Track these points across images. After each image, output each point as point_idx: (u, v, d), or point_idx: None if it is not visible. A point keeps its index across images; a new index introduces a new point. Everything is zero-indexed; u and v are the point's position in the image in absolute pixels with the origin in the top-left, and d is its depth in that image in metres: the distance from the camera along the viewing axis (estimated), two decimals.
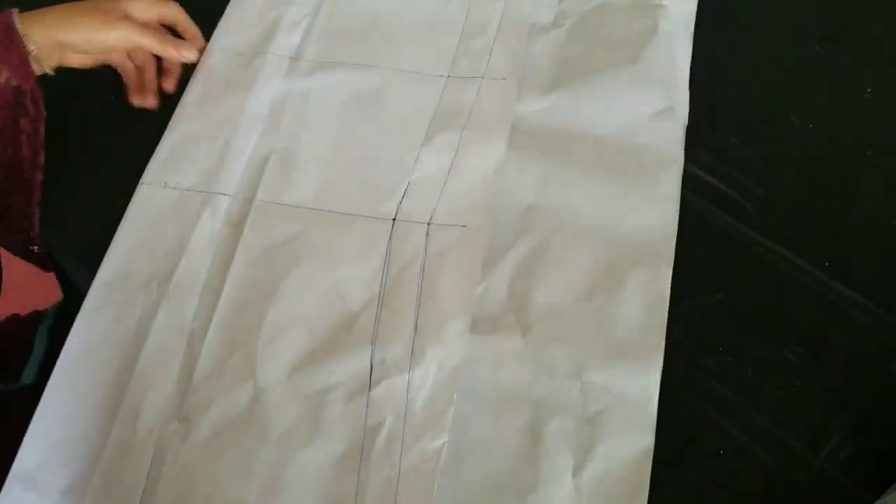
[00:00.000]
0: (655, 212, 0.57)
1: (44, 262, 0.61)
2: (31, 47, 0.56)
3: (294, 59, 0.65)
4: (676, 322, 0.53)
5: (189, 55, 0.64)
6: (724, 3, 0.66)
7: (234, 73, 0.65)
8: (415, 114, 0.62)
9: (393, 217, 0.58)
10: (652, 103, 0.61)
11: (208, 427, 0.51)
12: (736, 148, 0.59)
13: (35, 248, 0.60)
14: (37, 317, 0.66)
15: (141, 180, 0.60)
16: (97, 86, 0.63)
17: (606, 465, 0.49)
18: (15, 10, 0.57)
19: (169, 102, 0.64)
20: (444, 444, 0.48)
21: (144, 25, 0.61)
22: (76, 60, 0.61)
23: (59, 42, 0.58)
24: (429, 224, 0.57)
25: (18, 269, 0.63)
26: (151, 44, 0.61)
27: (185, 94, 0.64)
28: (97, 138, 0.64)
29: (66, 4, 0.59)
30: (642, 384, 0.51)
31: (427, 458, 0.48)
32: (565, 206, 0.58)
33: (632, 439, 0.49)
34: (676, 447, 0.49)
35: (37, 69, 0.57)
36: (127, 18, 0.60)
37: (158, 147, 0.61)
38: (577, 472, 0.49)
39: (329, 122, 0.62)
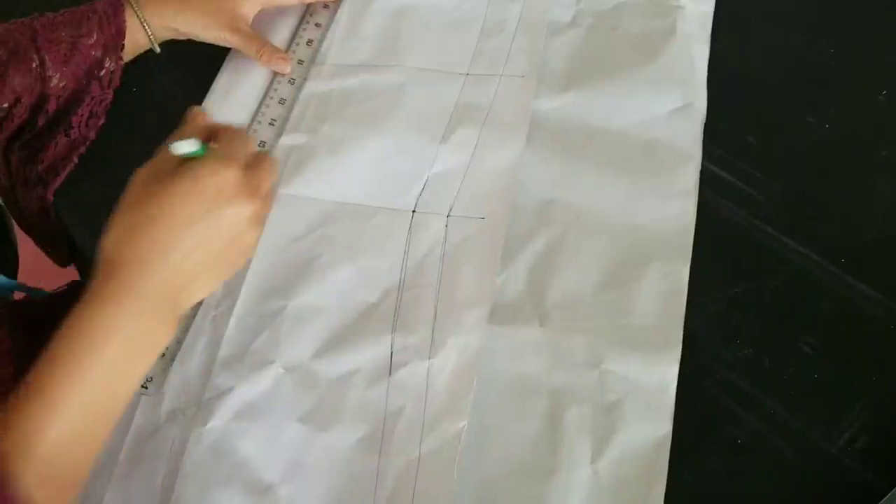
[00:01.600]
0: (673, 207, 0.57)
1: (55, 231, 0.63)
2: (147, 29, 0.61)
3: (317, 63, 0.66)
4: (694, 314, 0.53)
5: (282, 68, 0.65)
6: (741, 4, 0.66)
7: (258, 71, 0.66)
8: (435, 110, 0.63)
9: (412, 209, 0.58)
10: (670, 101, 0.62)
11: (231, 409, 0.51)
12: (752, 146, 0.60)
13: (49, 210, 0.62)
14: None
15: None
16: (125, 76, 0.64)
17: (624, 452, 0.49)
18: None
19: (195, 97, 0.65)
20: (463, 427, 0.49)
21: (247, 34, 0.64)
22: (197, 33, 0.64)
23: (168, 27, 0.63)
24: (448, 216, 0.58)
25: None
26: (249, 52, 0.65)
27: (210, 89, 0.65)
28: (122, 132, 0.65)
29: None
30: (660, 374, 0.51)
31: (447, 442, 0.49)
32: (583, 200, 0.58)
33: (649, 428, 0.50)
34: (694, 436, 0.49)
35: (146, 46, 0.63)
36: (233, 19, 0.63)
37: None
38: (595, 458, 0.49)
39: (350, 117, 0.63)
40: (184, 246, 0.42)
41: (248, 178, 0.44)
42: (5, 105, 0.58)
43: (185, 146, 0.44)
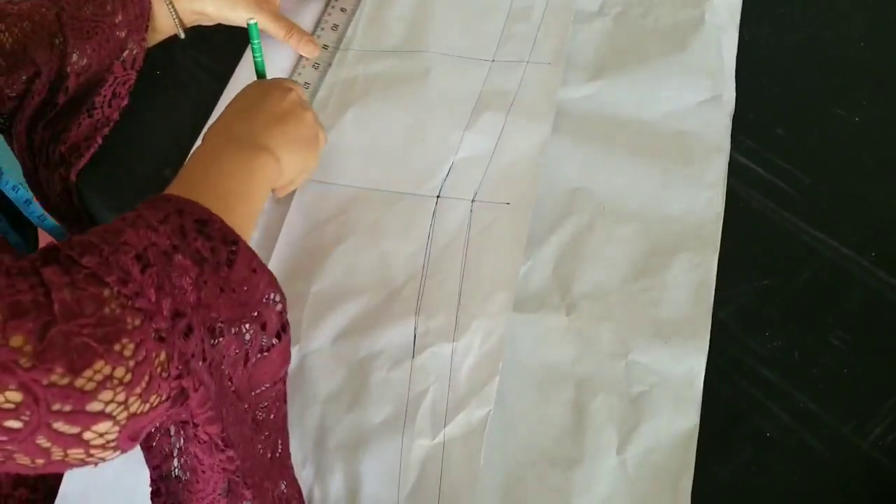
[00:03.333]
0: (701, 197, 0.57)
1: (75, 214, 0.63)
2: (172, 12, 0.62)
3: (342, 49, 0.66)
4: (723, 306, 0.53)
5: (310, 51, 0.65)
6: (788, 17, 0.66)
7: (282, 55, 0.65)
8: (460, 96, 0.63)
9: (437, 194, 0.58)
10: (698, 92, 0.61)
11: None
12: (782, 138, 0.60)
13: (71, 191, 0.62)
14: None
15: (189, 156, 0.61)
16: (145, 68, 0.64)
17: (651, 443, 0.49)
18: None
19: (216, 86, 0.64)
20: (489, 412, 0.48)
21: (274, 15, 0.64)
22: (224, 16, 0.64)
23: (196, 11, 0.63)
24: (473, 201, 0.57)
25: None
26: (277, 34, 0.65)
27: (232, 78, 0.65)
28: (144, 114, 0.65)
29: None
30: (688, 366, 0.51)
31: (473, 428, 0.48)
32: (611, 189, 0.58)
33: (677, 419, 0.49)
34: (723, 428, 0.49)
35: (172, 30, 0.63)
36: (262, 4, 0.64)
37: (206, 126, 0.62)
38: (621, 449, 0.49)
39: (375, 103, 0.63)
40: (257, 113, 0.52)
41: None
42: (24, 77, 0.58)
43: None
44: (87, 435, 0.34)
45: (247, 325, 0.42)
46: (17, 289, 0.34)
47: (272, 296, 0.43)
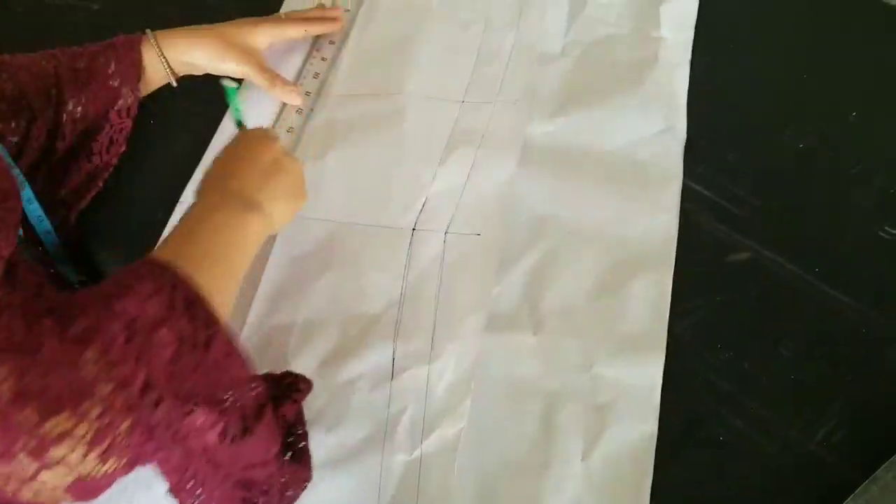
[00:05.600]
0: (658, 221, 0.61)
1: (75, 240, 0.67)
2: (164, 63, 0.66)
3: (322, 94, 0.71)
4: (679, 321, 0.57)
5: (294, 99, 0.70)
6: (719, 32, 0.71)
7: (267, 103, 0.70)
8: (433, 135, 0.67)
9: (413, 227, 0.62)
10: (653, 124, 0.66)
11: None
12: (731, 163, 0.64)
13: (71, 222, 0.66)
14: None
15: (180, 199, 0.66)
16: (140, 115, 0.68)
17: (613, 449, 0.52)
18: (149, 32, 0.66)
19: (210, 126, 0.69)
20: (462, 429, 0.52)
21: (260, 66, 0.69)
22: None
23: (186, 62, 0.67)
24: (446, 233, 0.62)
25: None
26: (263, 84, 0.69)
27: (222, 122, 0.70)
28: (139, 160, 0.69)
29: (196, 28, 0.68)
30: (647, 377, 0.55)
31: (448, 443, 0.52)
32: (575, 215, 0.62)
33: (637, 426, 0.53)
34: (680, 434, 0.53)
35: (164, 80, 0.68)
36: (246, 53, 0.68)
37: (197, 171, 0.67)
38: (586, 454, 0.52)
39: (354, 143, 0.67)
40: (248, 166, 0.55)
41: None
42: (24, 122, 0.62)
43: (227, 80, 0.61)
44: (43, 476, 0.36)
45: (222, 402, 0.43)
46: (14, 329, 0.37)
47: (246, 380, 0.45)
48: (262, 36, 0.69)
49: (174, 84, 0.69)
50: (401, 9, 0.76)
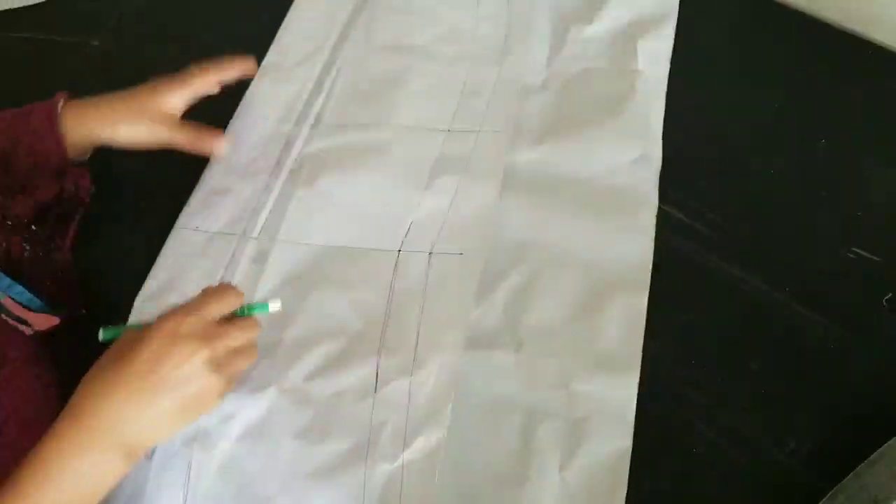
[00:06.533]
0: (633, 244, 0.64)
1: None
2: (69, 143, 0.63)
3: (314, 126, 0.74)
4: (654, 339, 0.59)
5: (218, 151, 0.69)
6: (694, 65, 0.74)
7: (261, 137, 0.73)
8: (419, 161, 0.70)
9: (399, 249, 0.65)
10: (629, 152, 0.69)
11: (235, 432, 0.56)
12: (705, 188, 0.67)
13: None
14: None
15: (175, 224, 0.68)
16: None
17: (590, 462, 0.54)
18: (63, 98, 0.64)
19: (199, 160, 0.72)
20: (442, 437, 0.54)
21: (177, 125, 0.66)
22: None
23: (94, 140, 0.65)
24: (430, 253, 0.64)
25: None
26: (184, 144, 0.67)
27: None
28: (133, 190, 0.71)
29: (107, 98, 0.66)
30: (622, 392, 0.57)
31: (429, 451, 0.54)
32: (555, 239, 0.64)
33: (613, 440, 0.55)
34: (654, 447, 0.55)
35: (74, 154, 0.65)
36: (162, 117, 0.65)
37: (190, 199, 0.70)
38: (563, 467, 0.54)
39: (343, 171, 0.70)
40: (132, 396, 0.48)
41: (212, 328, 0.51)
42: None
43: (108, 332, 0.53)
44: None
45: None
46: None
47: None
48: (174, 97, 0.67)
49: (84, 159, 0.67)
50: (391, 46, 0.79)
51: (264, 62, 0.79)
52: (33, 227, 0.64)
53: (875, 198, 0.65)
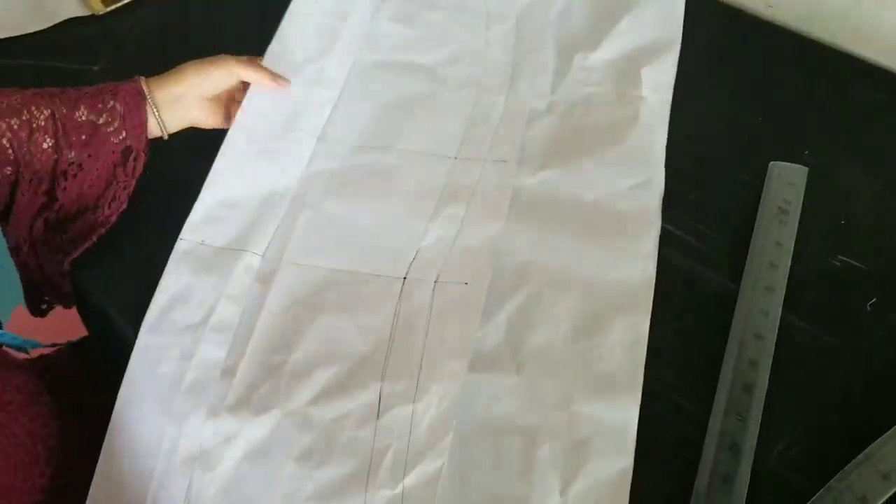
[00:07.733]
0: (636, 267, 0.64)
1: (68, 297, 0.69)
2: (154, 109, 0.67)
3: (320, 139, 0.75)
4: (650, 349, 0.60)
5: (286, 86, 0.74)
6: (686, 88, 0.76)
7: (267, 146, 0.73)
8: (425, 190, 0.71)
9: (404, 276, 0.65)
10: (632, 177, 0.69)
11: (237, 453, 0.57)
12: (697, 203, 0.69)
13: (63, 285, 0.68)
14: None
15: (181, 235, 0.67)
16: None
17: (590, 484, 0.54)
18: (142, 78, 0.67)
19: (202, 169, 0.71)
20: (443, 464, 0.54)
21: (244, 61, 0.71)
22: (200, 119, 0.71)
23: (175, 96, 0.68)
24: (435, 282, 0.65)
25: None
26: (253, 76, 0.71)
27: (216, 160, 0.71)
28: (140, 201, 0.70)
29: (178, 73, 0.69)
30: (623, 414, 0.57)
31: (429, 478, 0.54)
32: (557, 262, 0.65)
33: (613, 461, 0.55)
34: (654, 465, 0.55)
35: (158, 132, 0.68)
36: (229, 63, 0.70)
37: (194, 209, 0.68)
38: (564, 489, 0.54)
39: (349, 195, 0.71)
40: None
41: None
42: (9, 170, 0.62)
43: None
44: None
45: None
46: None
47: None
48: (239, 69, 0.71)
49: (165, 137, 0.69)
50: (397, 62, 0.80)
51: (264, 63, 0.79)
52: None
53: (859, 207, 0.68)
